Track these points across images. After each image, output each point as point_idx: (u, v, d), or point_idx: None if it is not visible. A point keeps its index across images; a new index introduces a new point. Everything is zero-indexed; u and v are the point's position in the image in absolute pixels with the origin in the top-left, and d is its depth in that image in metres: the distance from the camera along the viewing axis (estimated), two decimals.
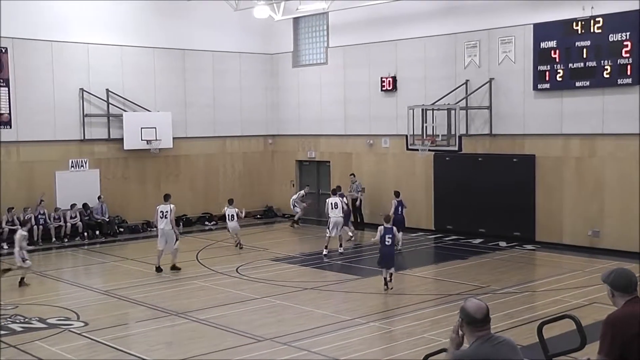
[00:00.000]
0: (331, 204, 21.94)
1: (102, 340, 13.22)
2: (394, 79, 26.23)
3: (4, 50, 23.99)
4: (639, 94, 20.18)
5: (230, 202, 23.48)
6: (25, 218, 23.46)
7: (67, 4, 25.20)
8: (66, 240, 24.69)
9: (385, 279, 16.93)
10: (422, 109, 22.87)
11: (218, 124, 29.45)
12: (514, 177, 23.09)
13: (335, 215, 21.76)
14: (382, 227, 17.05)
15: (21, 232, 18.50)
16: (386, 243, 16.88)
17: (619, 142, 20.85)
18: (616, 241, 20.80)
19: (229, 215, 22.98)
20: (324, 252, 21.45)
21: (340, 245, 21.99)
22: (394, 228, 17.30)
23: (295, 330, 13.69)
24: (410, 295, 16.96)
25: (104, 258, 22.26)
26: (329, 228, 21.75)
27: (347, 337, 13.28)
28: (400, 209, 22.09)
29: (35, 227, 23.94)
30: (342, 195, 22.97)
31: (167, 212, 19.59)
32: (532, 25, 22.25)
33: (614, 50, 20.42)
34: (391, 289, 16.84)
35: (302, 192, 27.50)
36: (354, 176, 26.46)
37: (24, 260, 17.98)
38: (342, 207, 22.04)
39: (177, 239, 19.76)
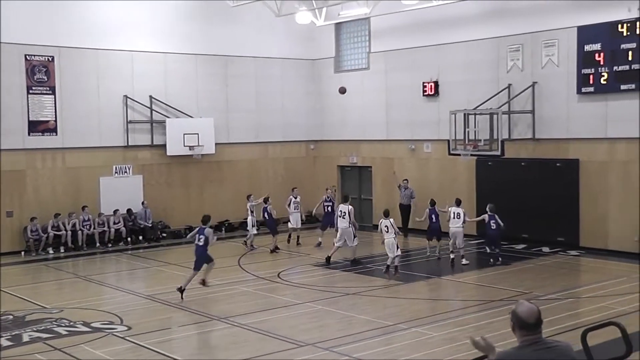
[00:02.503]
0: (454, 213, 20.77)
1: (145, 344, 13.35)
2: (436, 83, 26.10)
3: (50, 59, 24.42)
4: None
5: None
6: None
7: (111, 13, 25.55)
8: (110, 245, 25.01)
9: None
10: (465, 114, 22.74)
11: (260, 130, 29.59)
12: (558, 182, 22.79)
13: (455, 225, 20.57)
14: (487, 215, 20.34)
15: None
16: (492, 227, 20.26)
17: None
18: None
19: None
20: (464, 262, 20.36)
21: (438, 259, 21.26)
22: (496, 216, 20.29)
23: (337, 336, 13.68)
24: (453, 301, 16.89)
25: (147, 263, 22.50)
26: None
27: (390, 342, 13.26)
28: (435, 217, 21.77)
29: (80, 232, 24.39)
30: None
31: (345, 212, 20.87)
32: (576, 28, 21.98)
33: None
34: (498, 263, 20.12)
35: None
36: (407, 181, 25.92)
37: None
38: (464, 219, 20.75)
39: (354, 236, 20.99)
